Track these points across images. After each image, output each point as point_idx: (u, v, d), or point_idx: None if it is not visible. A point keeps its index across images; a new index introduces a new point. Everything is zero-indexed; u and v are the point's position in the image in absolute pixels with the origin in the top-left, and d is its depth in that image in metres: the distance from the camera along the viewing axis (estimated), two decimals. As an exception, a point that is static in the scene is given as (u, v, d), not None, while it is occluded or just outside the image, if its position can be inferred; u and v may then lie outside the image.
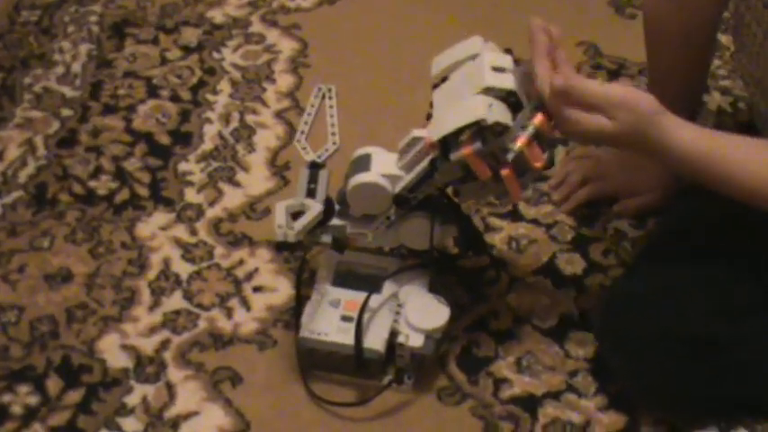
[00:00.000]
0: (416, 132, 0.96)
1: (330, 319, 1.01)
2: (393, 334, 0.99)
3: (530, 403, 1.02)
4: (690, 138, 0.89)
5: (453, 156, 0.90)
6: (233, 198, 1.23)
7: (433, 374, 1.03)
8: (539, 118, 0.89)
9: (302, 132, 1.04)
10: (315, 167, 1.04)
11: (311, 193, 1.02)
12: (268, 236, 1.17)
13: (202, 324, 1.08)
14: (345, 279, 1.05)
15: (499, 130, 0.88)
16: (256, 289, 1.12)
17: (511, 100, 0.91)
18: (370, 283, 1.04)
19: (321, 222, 1.01)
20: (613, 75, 1.42)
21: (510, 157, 0.89)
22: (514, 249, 1.17)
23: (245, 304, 1.10)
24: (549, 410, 1.02)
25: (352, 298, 1.03)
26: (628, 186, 1.21)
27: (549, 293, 1.12)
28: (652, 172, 1.19)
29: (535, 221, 1.20)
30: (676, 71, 1.14)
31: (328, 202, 1.02)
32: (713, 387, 0.96)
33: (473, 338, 1.07)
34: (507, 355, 1.06)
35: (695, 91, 1.19)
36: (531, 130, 0.89)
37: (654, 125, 0.87)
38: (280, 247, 1.12)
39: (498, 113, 0.89)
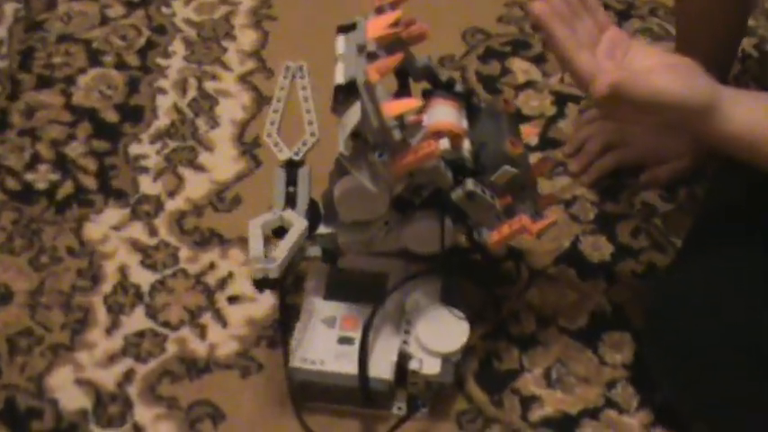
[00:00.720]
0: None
1: (326, 343, 0.84)
2: (402, 356, 0.83)
3: (565, 425, 0.87)
4: (745, 118, 0.72)
5: None
6: (197, 186, 1.04)
7: (450, 396, 0.88)
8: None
9: (272, 124, 0.85)
10: (292, 166, 0.86)
11: (291, 200, 0.84)
12: (241, 232, 1.00)
13: (171, 348, 0.91)
14: (340, 289, 0.88)
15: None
16: (232, 299, 0.95)
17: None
18: (371, 293, 0.87)
19: (307, 234, 0.83)
20: (622, 16, 1.24)
21: None
22: (530, 234, 1.00)
23: (221, 319, 0.93)
24: (587, 432, 0.87)
25: (350, 313, 0.86)
26: (655, 152, 1.05)
27: (575, 286, 0.97)
28: (681, 135, 1.02)
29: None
30: (708, 18, 0.97)
31: (312, 208, 0.84)
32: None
33: (492, 348, 0.91)
34: (533, 366, 0.91)
35: (731, 43, 1.02)
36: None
37: (708, 119, 0.71)
38: (260, 285, 0.81)
39: None
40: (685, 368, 0.82)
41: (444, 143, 0.76)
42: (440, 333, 0.83)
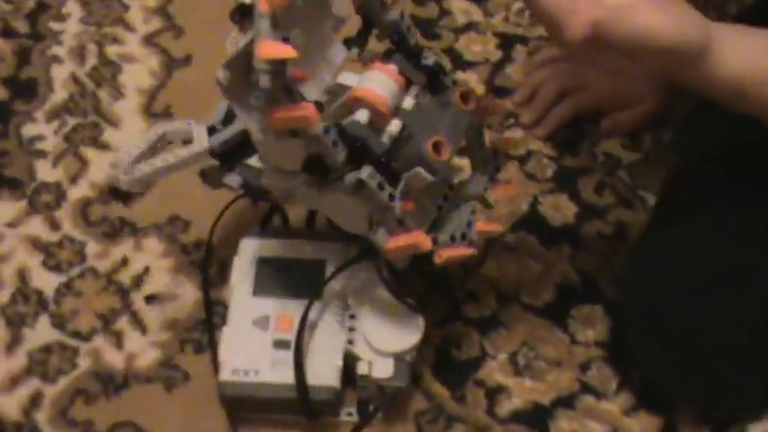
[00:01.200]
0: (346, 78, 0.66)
1: (259, 349, 0.73)
2: (348, 359, 0.73)
3: (537, 417, 0.77)
4: (739, 60, 0.62)
5: None
6: (101, 167, 0.91)
7: (406, 395, 0.77)
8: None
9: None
10: None
11: (228, 119, 0.74)
12: (155, 218, 0.87)
13: (84, 362, 0.79)
14: (270, 282, 0.77)
15: None
16: (150, 299, 0.83)
17: None
18: (307, 285, 0.76)
19: (234, 156, 0.73)
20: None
21: None
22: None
23: (139, 324, 0.81)
24: (563, 424, 0.77)
25: (284, 311, 0.75)
26: (615, 96, 0.94)
27: (537, 256, 0.86)
28: (642, 76, 0.92)
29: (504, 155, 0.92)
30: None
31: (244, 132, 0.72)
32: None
33: (449, 335, 0.81)
34: (497, 351, 0.80)
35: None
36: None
37: (699, 63, 0.61)
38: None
39: None
40: (672, 343, 0.72)
41: (362, 115, 0.64)
42: (390, 328, 0.72)
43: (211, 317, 0.80)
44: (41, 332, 0.81)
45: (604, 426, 0.77)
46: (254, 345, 0.73)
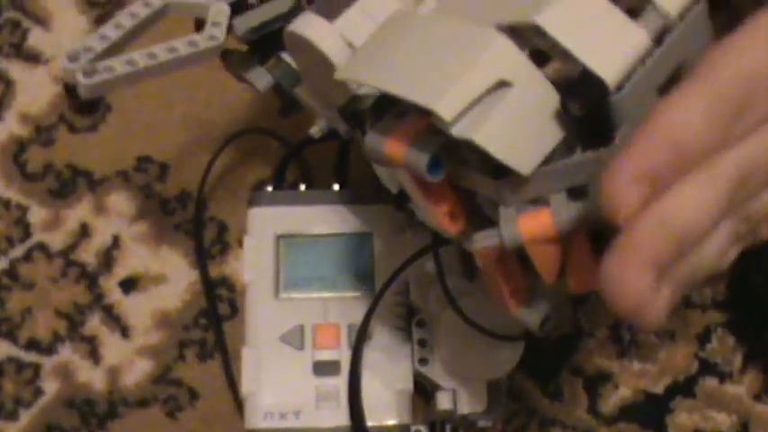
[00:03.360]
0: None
1: (295, 377, 0.53)
2: (421, 386, 0.54)
3: (651, 412, 0.60)
4: None
5: None
6: (35, 89, 0.67)
7: (483, 397, 0.59)
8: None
9: None
10: None
11: None
12: (118, 161, 0.65)
13: (51, 385, 0.59)
14: (299, 273, 0.56)
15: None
16: (128, 284, 0.62)
17: None
18: (349, 272, 0.55)
19: (269, 44, 0.51)
20: None
21: None
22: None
23: (117, 323, 0.61)
24: (682, 417, 0.60)
25: (324, 317, 0.55)
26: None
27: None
28: None
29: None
30: None
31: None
32: None
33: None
34: (594, 326, 0.62)
35: None
36: None
37: None
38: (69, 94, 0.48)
39: None
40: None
41: None
42: (479, 346, 0.53)
43: (216, 305, 0.60)
44: (-15, 345, 0.60)
45: (732, 416, 0.61)
46: (287, 372, 0.53)
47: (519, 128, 0.35)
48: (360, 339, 0.53)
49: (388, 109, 0.39)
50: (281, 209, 0.57)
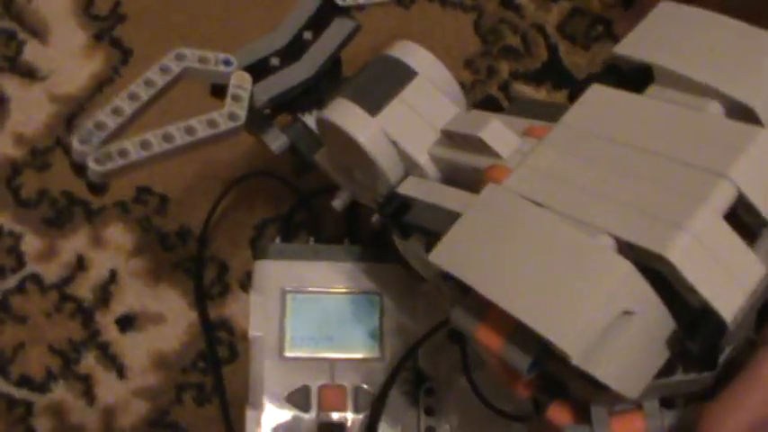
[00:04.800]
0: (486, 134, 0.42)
1: (301, 443, 0.53)
2: (426, 451, 0.54)
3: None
4: None
5: None
6: (30, 108, 0.64)
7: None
8: None
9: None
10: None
11: (296, 46, 0.50)
12: (117, 191, 0.63)
13: (43, 425, 0.58)
14: (306, 331, 0.55)
15: None
16: (124, 322, 0.60)
17: None
18: (356, 333, 0.55)
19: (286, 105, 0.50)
20: None
21: None
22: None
23: (113, 362, 0.59)
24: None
25: (330, 378, 0.54)
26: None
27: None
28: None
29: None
30: None
31: (334, 71, 0.50)
32: None
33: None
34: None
35: None
36: None
37: None
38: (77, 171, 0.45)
39: None
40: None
41: None
42: (487, 421, 0.53)
43: (215, 349, 0.59)
44: (-25, 381, 0.58)
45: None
46: (292, 434, 0.53)
47: (633, 356, 0.34)
48: (376, 414, 0.52)
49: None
50: (288, 263, 0.56)
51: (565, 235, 0.35)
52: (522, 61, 0.67)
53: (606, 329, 0.33)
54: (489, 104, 0.65)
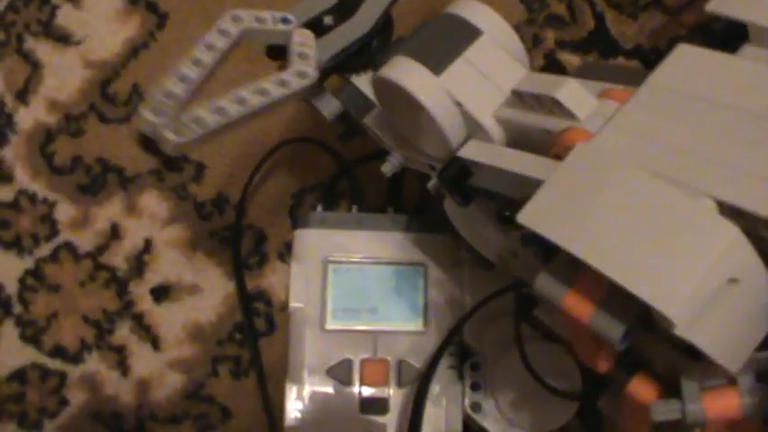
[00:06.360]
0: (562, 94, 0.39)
1: (342, 416, 0.51)
2: (470, 422, 0.52)
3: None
4: None
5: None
6: (64, 73, 0.63)
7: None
8: None
9: None
10: None
11: (346, 4, 0.47)
12: (150, 160, 0.61)
13: (76, 396, 0.56)
14: (349, 303, 0.54)
15: None
16: (159, 292, 0.59)
17: None
18: (400, 304, 0.53)
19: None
20: None
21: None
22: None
23: (148, 333, 0.58)
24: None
25: (373, 352, 0.52)
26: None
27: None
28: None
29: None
30: None
31: (385, 31, 0.48)
32: None
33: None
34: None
35: None
36: None
37: None
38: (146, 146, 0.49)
39: None
40: None
41: None
42: (534, 398, 0.51)
43: (253, 321, 0.58)
44: (6, 350, 0.57)
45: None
46: (332, 409, 0.51)
47: (736, 326, 0.33)
48: (423, 389, 0.50)
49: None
50: (330, 232, 0.54)
51: (667, 196, 0.33)
52: (567, 30, 0.64)
53: (711, 297, 0.31)
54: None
